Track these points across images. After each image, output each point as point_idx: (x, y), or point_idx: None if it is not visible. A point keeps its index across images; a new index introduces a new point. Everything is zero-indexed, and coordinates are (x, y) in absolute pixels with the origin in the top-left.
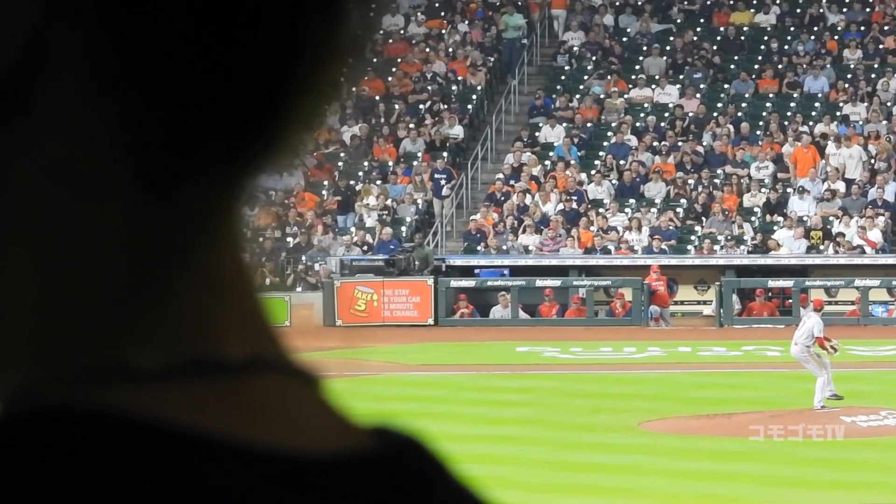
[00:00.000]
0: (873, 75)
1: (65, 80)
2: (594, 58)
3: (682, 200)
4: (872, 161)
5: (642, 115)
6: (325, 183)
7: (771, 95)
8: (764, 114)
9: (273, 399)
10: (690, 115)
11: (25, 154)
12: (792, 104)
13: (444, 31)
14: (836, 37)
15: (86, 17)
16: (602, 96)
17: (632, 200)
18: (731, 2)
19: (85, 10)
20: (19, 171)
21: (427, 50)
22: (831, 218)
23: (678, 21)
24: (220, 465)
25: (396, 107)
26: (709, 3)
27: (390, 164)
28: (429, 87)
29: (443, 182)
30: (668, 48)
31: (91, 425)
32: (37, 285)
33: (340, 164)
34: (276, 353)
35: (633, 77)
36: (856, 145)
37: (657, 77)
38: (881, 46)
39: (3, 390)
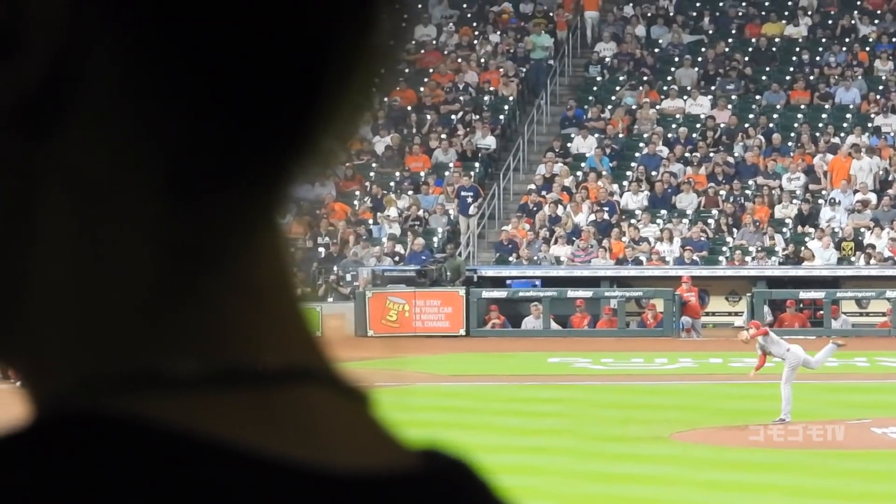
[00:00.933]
0: None
1: (95, 90)
2: (626, 68)
3: (714, 211)
4: None
5: (674, 126)
6: (357, 193)
7: (802, 107)
8: (795, 125)
9: (310, 412)
10: (722, 126)
11: (55, 165)
12: (823, 115)
13: (475, 42)
14: (867, 48)
15: (116, 22)
16: (634, 107)
17: (663, 211)
18: (763, 13)
19: (115, 17)
20: (49, 184)
21: (459, 60)
22: (863, 229)
23: (710, 32)
24: (243, 477)
25: (428, 117)
26: (740, 14)
27: (422, 174)
28: (461, 98)
29: (469, 199)
30: (699, 59)
31: (117, 434)
32: (71, 296)
33: (372, 174)
34: (317, 365)
35: (665, 88)
36: (866, 157)
37: (689, 88)
38: None
39: (39, 397)
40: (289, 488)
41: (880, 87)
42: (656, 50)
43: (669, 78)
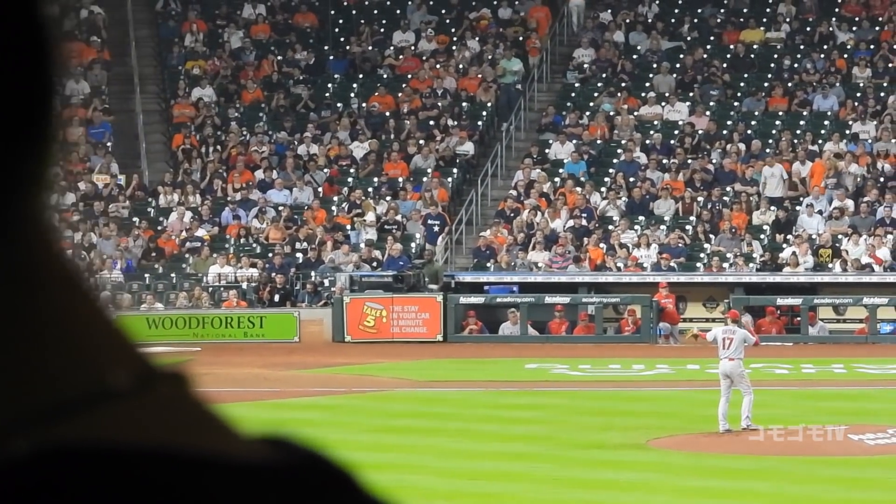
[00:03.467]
0: (882, 93)
1: None
2: (604, 75)
3: (692, 218)
4: (882, 179)
5: (652, 132)
6: (335, 199)
7: (780, 113)
8: (774, 132)
9: (177, 409)
10: (700, 132)
11: None
12: (801, 122)
13: (454, 48)
14: (845, 55)
15: None
16: (612, 113)
17: (641, 218)
18: (741, 20)
19: None
20: None
21: (437, 66)
22: (840, 236)
23: (688, 39)
24: (199, 475)
25: (407, 123)
26: (719, 20)
27: (400, 180)
28: (439, 104)
29: (436, 228)
30: (678, 66)
31: (99, 463)
32: None
33: (350, 179)
34: (148, 363)
35: (643, 94)
36: (844, 164)
37: (667, 94)
38: (890, 65)
39: None
40: (220, 478)
41: (858, 94)
42: (634, 56)
43: (648, 84)
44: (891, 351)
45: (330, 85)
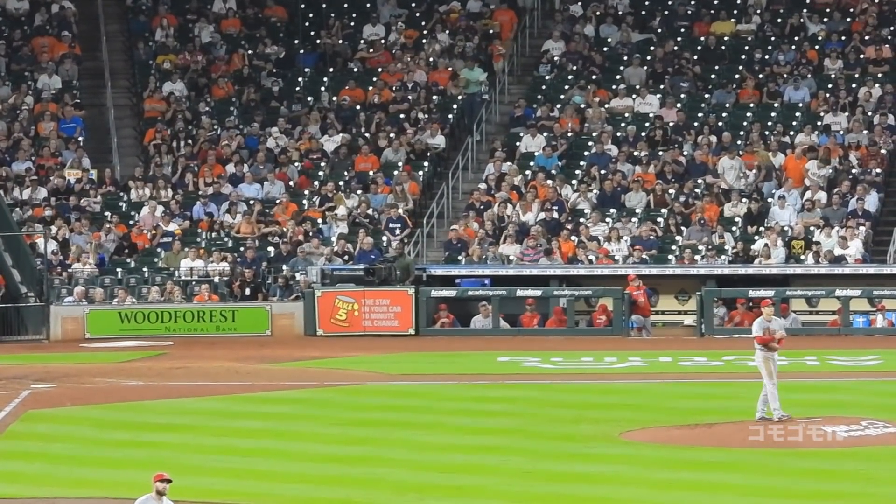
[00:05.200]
0: (854, 85)
1: None
2: (575, 67)
3: (663, 210)
4: (854, 171)
5: (623, 124)
6: (307, 192)
7: (752, 105)
8: (745, 123)
9: None
10: (671, 124)
11: None
12: (773, 114)
13: (424, 41)
14: (816, 47)
15: None
16: (583, 106)
17: (612, 210)
18: (712, 12)
19: None
20: None
21: (408, 60)
22: (812, 228)
23: (659, 31)
24: None
25: (377, 117)
26: (689, 12)
27: (371, 173)
28: (409, 97)
29: (398, 231)
30: (648, 58)
31: None
32: None
33: (321, 173)
34: None
35: (614, 87)
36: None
37: (638, 87)
38: (861, 56)
39: None
40: None
41: (829, 86)
42: (605, 49)
43: (618, 77)
44: (863, 343)
45: (300, 79)
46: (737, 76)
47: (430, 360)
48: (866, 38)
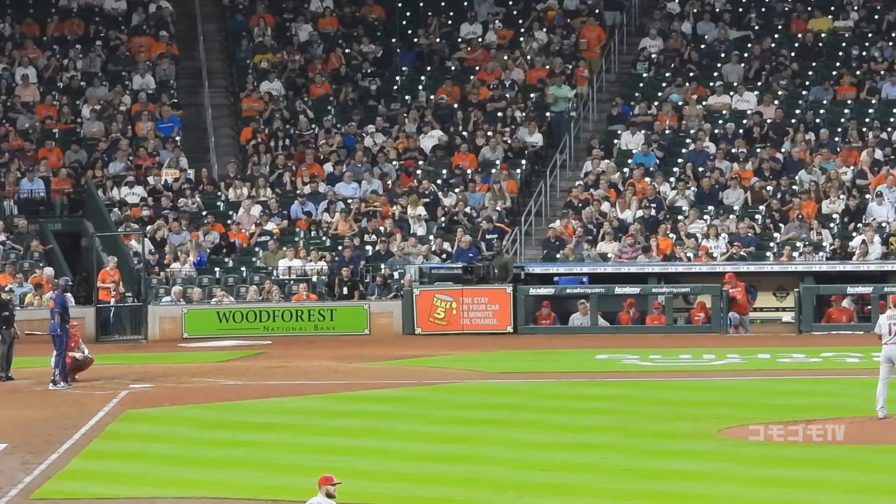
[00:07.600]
0: None
1: None
2: (672, 65)
3: (761, 207)
4: None
5: (721, 122)
6: (405, 190)
7: (849, 102)
8: (842, 120)
9: None
10: (768, 121)
11: None
12: (870, 110)
13: (521, 39)
14: None
15: None
16: (680, 103)
17: (710, 207)
18: (809, 8)
19: None
20: None
21: (505, 58)
22: None
23: (756, 28)
24: None
25: (474, 115)
26: (787, 9)
27: (469, 172)
28: (507, 95)
29: (494, 242)
30: (746, 55)
31: None
32: None
33: (419, 172)
34: None
35: (712, 84)
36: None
37: (735, 84)
38: None
39: None
40: None
41: None
42: (703, 46)
43: (716, 74)
44: None
45: (398, 77)
46: (834, 73)
47: (529, 358)
48: None
